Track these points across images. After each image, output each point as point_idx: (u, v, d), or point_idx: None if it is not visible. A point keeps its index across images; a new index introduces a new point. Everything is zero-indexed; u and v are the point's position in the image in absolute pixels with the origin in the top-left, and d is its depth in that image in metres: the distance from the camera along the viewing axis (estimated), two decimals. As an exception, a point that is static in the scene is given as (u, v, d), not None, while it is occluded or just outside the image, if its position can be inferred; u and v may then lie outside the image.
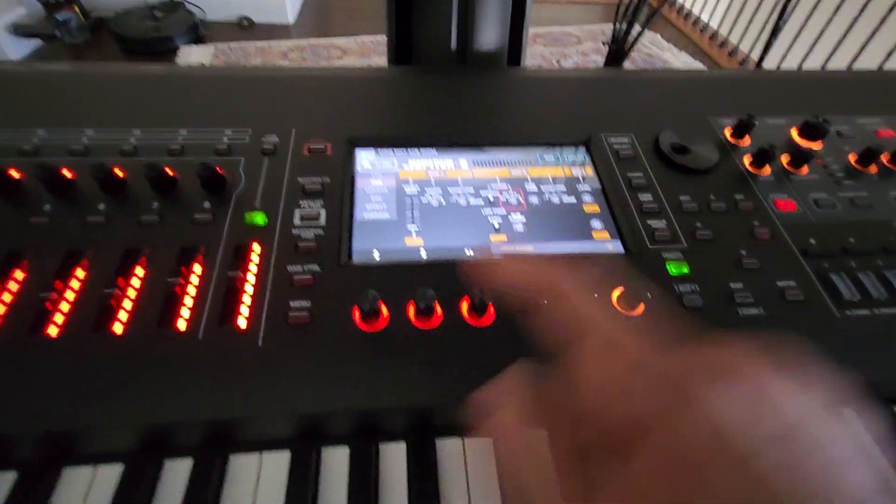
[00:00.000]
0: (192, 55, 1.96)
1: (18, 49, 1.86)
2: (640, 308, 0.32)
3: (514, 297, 0.24)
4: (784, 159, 0.43)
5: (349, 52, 2.05)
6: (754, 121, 0.43)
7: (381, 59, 2.02)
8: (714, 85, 0.51)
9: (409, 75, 0.50)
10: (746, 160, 0.42)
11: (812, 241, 0.37)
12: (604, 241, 0.37)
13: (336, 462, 0.29)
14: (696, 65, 2.17)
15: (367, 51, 2.07)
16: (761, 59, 0.86)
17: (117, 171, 0.35)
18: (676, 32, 2.45)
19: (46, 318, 0.29)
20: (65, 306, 0.30)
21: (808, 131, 0.44)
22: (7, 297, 0.30)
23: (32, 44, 1.91)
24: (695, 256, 0.35)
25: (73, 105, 0.41)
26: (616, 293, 0.33)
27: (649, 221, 0.37)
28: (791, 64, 1.78)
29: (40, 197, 0.34)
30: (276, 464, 0.29)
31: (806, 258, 0.36)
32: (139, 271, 0.32)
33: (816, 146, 0.44)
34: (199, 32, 2.04)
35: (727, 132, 0.45)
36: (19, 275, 0.31)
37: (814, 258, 0.36)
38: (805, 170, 0.42)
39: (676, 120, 0.46)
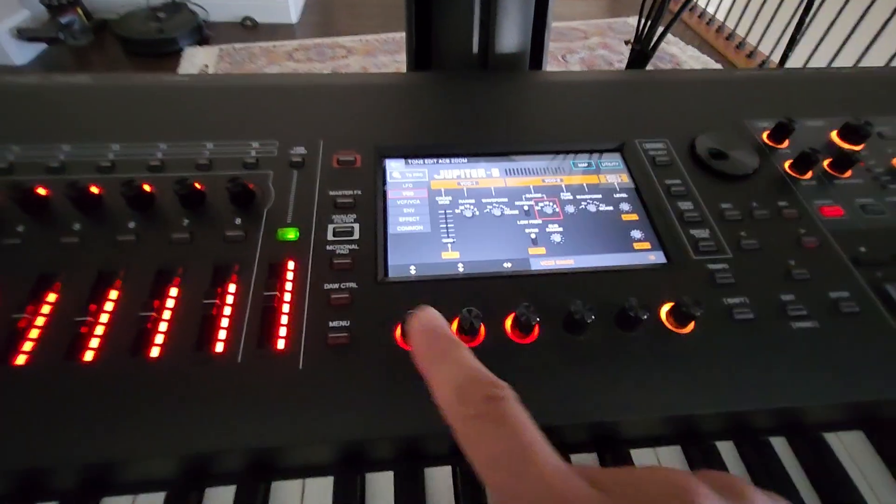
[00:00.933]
0: (197, 57, 1.95)
1: (23, 53, 1.85)
2: (691, 325, 0.31)
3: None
4: (825, 163, 0.41)
5: (354, 51, 2.04)
6: (794, 124, 0.41)
7: (386, 58, 2.00)
8: (746, 86, 0.49)
9: (433, 81, 0.49)
10: (786, 165, 0.41)
11: (862, 248, 0.36)
12: (645, 252, 0.36)
13: (381, 488, 0.28)
14: (704, 58, 2.14)
15: (372, 49, 2.05)
16: (785, 56, 0.84)
17: (146, 187, 0.34)
18: (682, 26, 2.42)
19: (82, 342, 0.28)
20: (100, 330, 0.29)
21: (850, 133, 0.42)
22: (41, 321, 0.29)
23: (37, 48, 1.90)
24: (742, 267, 0.34)
25: (97, 119, 0.40)
26: (665, 308, 0.32)
27: (692, 231, 0.36)
28: (796, 62, 1.76)
29: (69, 215, 0.34)
30: (320, 490, 0.28)
31: (857, 267, 0.35)
32: (173, 292, 0.31)
33: (858, 149, 0.42)
34: (202, 33, 2.03)
35: (765, 136, 0.43)
36: (52, 297, 0.30)
37: (866, 267, 0.34)
38: (849, 174, 0.40)
39: (712, 124, 0.44)
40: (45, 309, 0.29)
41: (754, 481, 0.29)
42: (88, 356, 0.28)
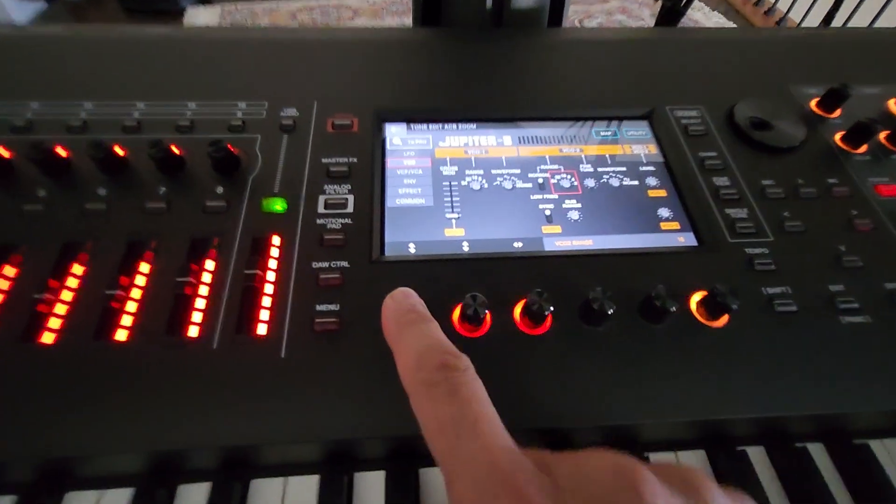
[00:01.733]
0: (199, 17, 1.87)
1: (23, 11, 1.80)
2: (725, 318, 0.28)
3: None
4: (882, 135, 0.36)
5: (361, 12, 1.95)
6: (849, 91, 0.36)
7: (393, 20, 1.91)
8: (793, 47, 0.44)
9: (441, 38, 0.44)
10: (838, 137, 0.36)
11: (923, 234, 0.31)
12: (674, 233, 0.32)
13: (370, 488, 0.26)
14: (730, 26, 2.02)
15: (378, 10, 1.96)
16: (829, 16, 0.76)
17: (118, 149, 0.31)
18: (711, -10, 2.28)
19: (41, 322, 0.25)
20: (61, 309, 0.26)
21: (913, 102, 0.37)
22: (-3, 299, 0.26)
23: (36, 6, 1.84)
24: (784, 252, 0.30)
25: (70, 74, 0.36)
26: (696, 298, 0.28)
27: (728, 210, 0.32)
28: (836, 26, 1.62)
29: (34, 180, 0.30)
30: (304, 490, 0.25)
31: (918, 256, 0.30)
32: (144, 268, 0.28)
33: (921, 120, 0.37)
34: (205, -8, 1.94)
35: (813, 103, 0.38)
36: (10, 271, 0.27)
37: (927, 256, 0.30)
38: (910, 148, 0.36)
39: (753, 89, 0.39)
40: (3, 284, 0.26)
41: (787, 490, 0.26)
42: (48, 338, 0.25)
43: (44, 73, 0.37)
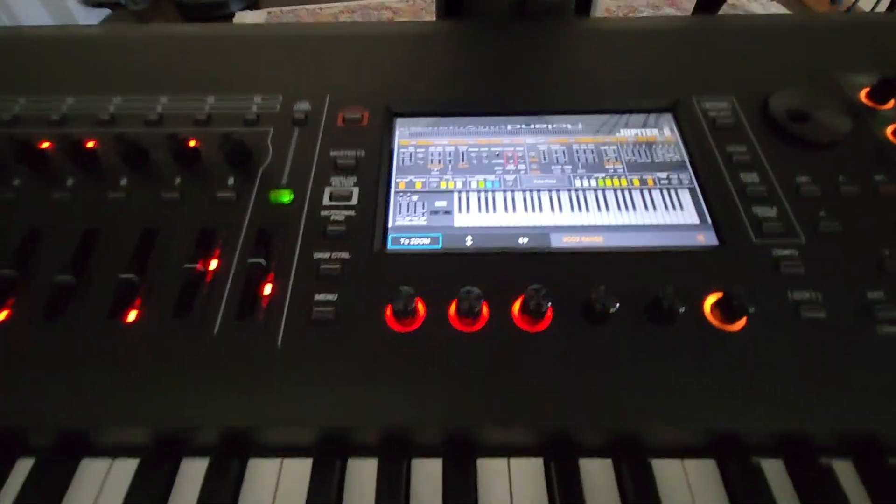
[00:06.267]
0: (247, 20, 1.95)
1: (89, 19, 1.94)
2: (742, 322, 0.26)
3: None
4: (942, 128, 0.33)
5: (401, 12, 1.97)
6: (904, 78, 0.33)
7: (433, 19, 1.92)
8: (843, 32, 0.40)
9: (460, 31, 0.44)
10: (889, 130, 0.33)
11: (984, 238, 0.28)
12: (692, 231, 0.30)
13: (362, 476, 0.26)
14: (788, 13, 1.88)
15: (418, 11, 1.97)
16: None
17: (139, 142, 0.32)
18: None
19: (61, 303, 0.27)
20: (80, 291, 0.27)
21: (981, 90, 0.33)
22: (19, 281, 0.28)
23: (101, 13, 1.98)
24: (817, 255, 0.28)
25: (100, 71, 0.39)
26: (710, 300, 0.26)
27: (755, 209, 0.30)
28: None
29: (64, 170, 0.32)
30: (297, 472, 0.26)
31: (975, 262, 0.27)
32: (156, 254, 0.29)
33: None
34: (253, -4, 2.02)
35: (863, 94, 0.35)
36: (36, 256, 0.29)
37: None
38: (974, 142, 0.32)
39: (793, 78, 0.36)
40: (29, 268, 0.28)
41: (808, 514, 0.24)
42: (65, 318, 0.27)
43: (77, 71, 0.39)
